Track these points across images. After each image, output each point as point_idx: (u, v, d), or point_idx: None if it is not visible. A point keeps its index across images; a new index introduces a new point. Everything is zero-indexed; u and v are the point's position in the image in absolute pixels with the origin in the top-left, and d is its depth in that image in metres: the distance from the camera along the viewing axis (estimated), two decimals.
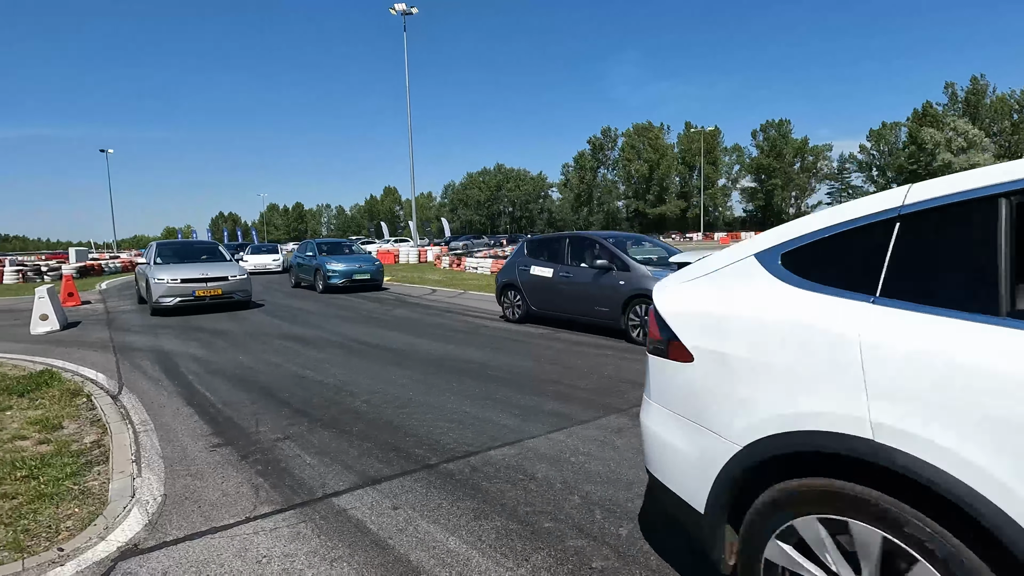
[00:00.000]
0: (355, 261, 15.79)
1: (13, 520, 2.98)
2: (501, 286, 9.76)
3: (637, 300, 7.17)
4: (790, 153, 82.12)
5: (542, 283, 8.75)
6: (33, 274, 23.11)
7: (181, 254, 12.50)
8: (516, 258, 9.51)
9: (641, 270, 7.29)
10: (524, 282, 9.12)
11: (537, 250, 9.26)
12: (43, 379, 5.88)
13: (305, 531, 2.82)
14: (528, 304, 9.07)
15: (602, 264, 7.72)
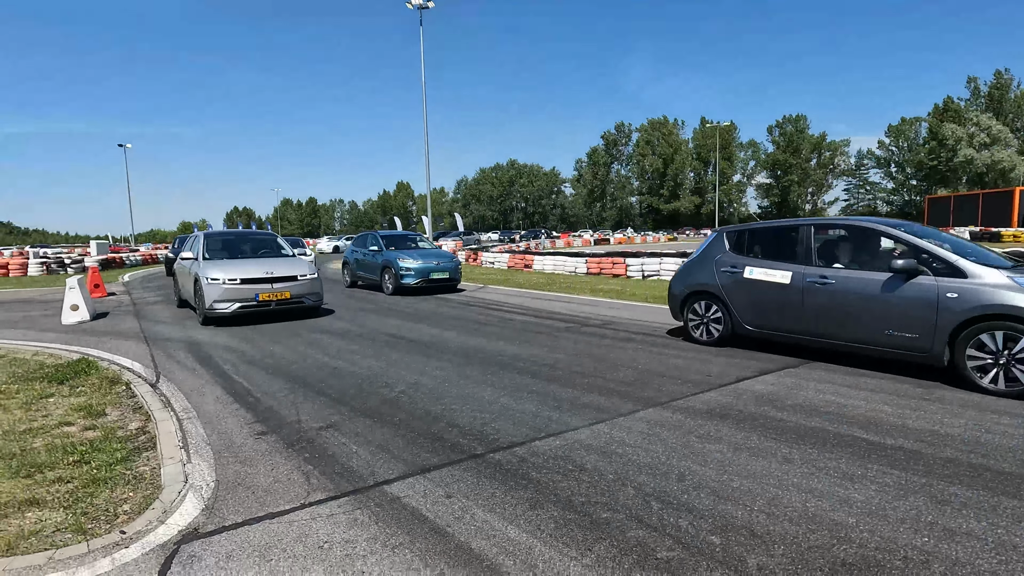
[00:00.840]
0: (430, 257, 13.21)
1: (71, 503, 3.01)
2: (685, 295, 6.94)
3: (985, 323, 4.59)
4: (807, 149, 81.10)
5: (768, 292, 6.01)
6: (57, 266, 23.47)
7: (234, 247, 10.21)
8: (709, 254, 6.80)
9: (989, 275, 4.66)
10: (730, 289, 6.39)
11: (749, 243, 6.55)
12: (81, 367, 5.96)
13: (362, 518, 2.82)
14: (736, 320, 6.38)
15: (904, 266, 4.98)
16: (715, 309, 6.60)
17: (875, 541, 2.52)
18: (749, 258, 6.40)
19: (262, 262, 9.53)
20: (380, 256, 13.44)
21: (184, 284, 10.25)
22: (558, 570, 2.36)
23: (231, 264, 9.11)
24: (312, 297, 9.40)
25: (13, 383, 5.42)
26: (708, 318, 6.72)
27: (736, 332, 6.45)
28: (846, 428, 3.92)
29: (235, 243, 10.51)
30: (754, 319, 6.22)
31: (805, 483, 3.09)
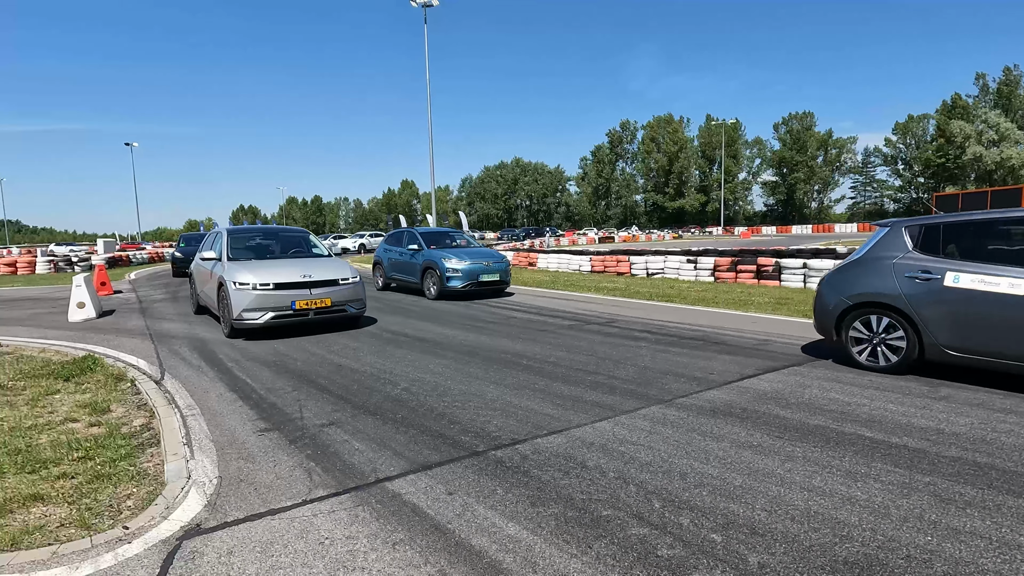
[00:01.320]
0: (479, 256, 11.59)
1: (76, 499, 3.03)
2: (846, 307, 5.40)
3: None
4: (813, 146, 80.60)
5: (987, 306, 4.54)
6: (64, 264, 23.63)
7: (262, 246, 8.89)
8: (880, 255, 5.31)
9: None
10: (921, 301, 4.89)
11: (946, 240, 5.03)
12: (86, 364, 5.99)
13: (363, 514, 2.83)
14: (929, 342, 4.88)
15: None
16: (893, 326, 5.07)
17: (877, 540, 2.50)
18: (949, 260, 4.87)
19: (296, 263, 8.12)
20: (420, 256, 11.88)
21: (204, 289, 8.84)
22: (558, 567, 2.36)
23: (261, 266, 7.74)
24: (356, 304, 7.93)
25: (20, 380, 5.46)
26: (884, 338, 5.17)
27: (927, 358, 4.95)
28: (850, 426, 3.89)
29: (263, 241, 9.11)
30: (961, 342, 4.69)
31: (808, 481, 3.08)
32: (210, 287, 8.36)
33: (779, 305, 9.67)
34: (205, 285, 8.75)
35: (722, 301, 10.40)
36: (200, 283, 9.19)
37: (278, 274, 7.54)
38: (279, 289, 7.35)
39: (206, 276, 8.66)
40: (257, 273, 7.46)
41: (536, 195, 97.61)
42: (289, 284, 7.45)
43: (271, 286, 7.33)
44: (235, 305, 7.26)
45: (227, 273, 7.54)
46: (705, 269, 14.61)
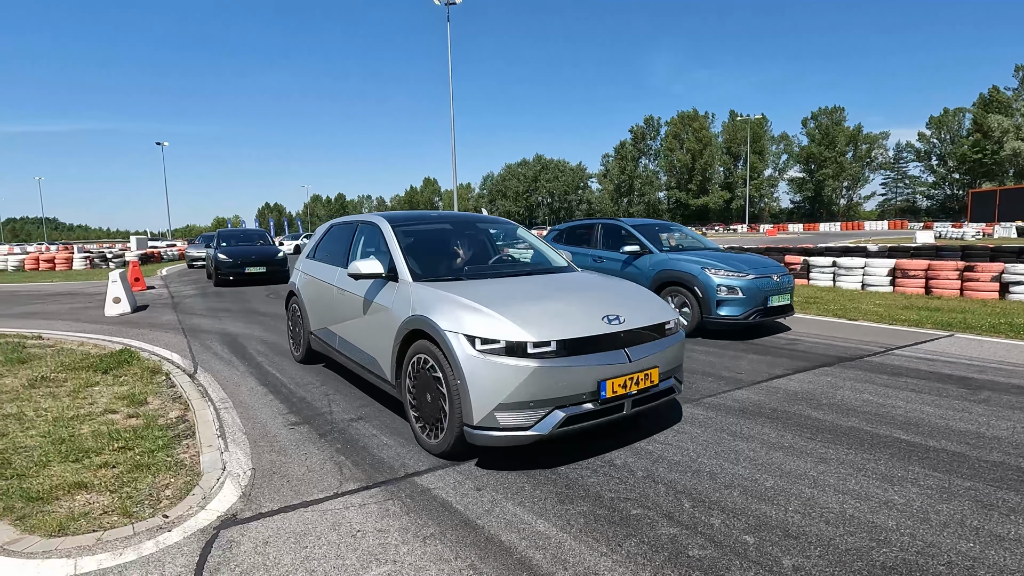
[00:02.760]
0: (759, 267, 7.15)
1: (117, 487, 3.13)
2: None
3: None
4: (842, 141, 78.70)
5: None
6: (99, 260, 24.38)
7: (452, 254, 4.75)
8: None
9: None
10: None
11: None
12: (123, 358, 6.18)
13: (393, 508, 2.86)
14: None
15: None
16: None
17: (917, 545, 2.44)
18: None
19: (564, 288, 4.01)
20: (648, 262, 7.65)
21: (346, 331, 4.71)
22: (588, 565, 2.36)
23: (500, 295, 3.65)
24: (678, 373, 3.90)
25: (61, 372, 5.66)
26: None
27: None
28: (885, 429, 3.80)
29: (447, 239, 4.90)
30: None
31: (842, 484, 3.02)
32: (366, 334, 4.30)
33: (808, 304, 9.48)
34: (349, 325, 4.60)
35: None
36: (326, 315, 5.10)
37: (557, 317, 3.41)
38: (572, 354, 3.26)
39: (349, 307, 4.60)
40: (508, 313, 3.31)
41: (557, 192, 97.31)
42: (588, 341, 3.33)
43: (556, 347, 3.22)
44: (477, 393, 3.17)
45: (432, 311, 3.49)
46: None
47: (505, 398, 3.09)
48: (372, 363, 4.22)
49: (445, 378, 3.28)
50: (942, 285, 10.34)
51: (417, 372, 3.56)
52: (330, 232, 5.70)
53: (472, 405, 3.14)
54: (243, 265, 14.37)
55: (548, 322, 3.28)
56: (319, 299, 5.32)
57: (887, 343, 6.47)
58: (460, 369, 3.16)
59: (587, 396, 3.22)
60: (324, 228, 5.90)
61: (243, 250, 15.04)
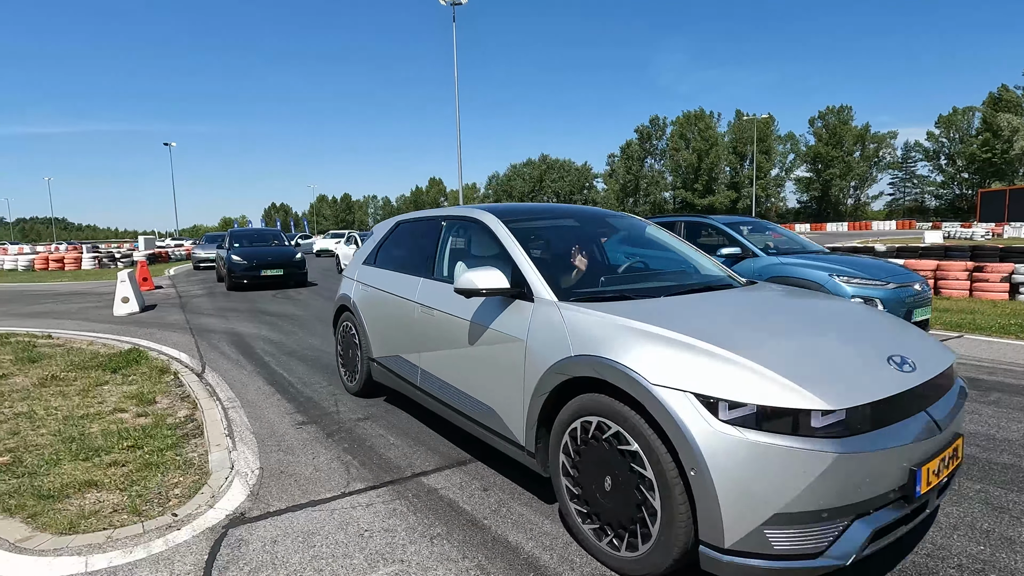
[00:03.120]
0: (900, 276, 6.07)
1: (127, 486, 3.15)
2: None
3: None
4: (850, 141, 78.21)
5: None
6: (108, 260, 24.57)
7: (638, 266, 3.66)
8: None
9: None
10: None
11: None
12: (132, 357, 6.23)
13: (400, 508, 2.87)
14: None
15: None
16: None
17: (926, 548, 2.42)
18: None
19: (800, 317, 2.72)
20: (751, 267, 6.39)
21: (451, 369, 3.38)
22: (595, 565, 2.35)
23: (726, 328, 2.39)
24: None
25: (71, 371, 5.71)
26: None
27: None
28: None
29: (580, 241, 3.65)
30: None
31: None
32: (476, 373, 3.15)
33: None
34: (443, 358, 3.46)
35: None
36: (400, 340, 3.96)
37: (828, 363, 2.15)
38: (875, 426, 1.98)
39: (442, 332, 3.45)
40: (764, 359, 2.05)
41: (563, 192, 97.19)
42: (891, 404, 2.04)
43: (848, 415, 1.93)
44: (733, 497, 1.90)
45: (615, 351, 2.27)
46: None
47: (784, 506, 1.85)
48: (486, 415, 3.01)
49: (656, 464, 2.06)
50: (951, 286, 10.26)
51: (585, 443, 2.37)
52: (398, 231, 4.56)
53: (723, 516, 1.89)
54: (259, 268, 13.53)
55: (825, 374, 2.04)
56: (388, 318, 4.10)
57: None
58: (695, 453, 1.92)
59: (895, 493, 1.99)
60: (388, 226, 4.72)
61: (258, 251, 14.16)
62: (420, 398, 3.77)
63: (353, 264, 4.95)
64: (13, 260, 24.43)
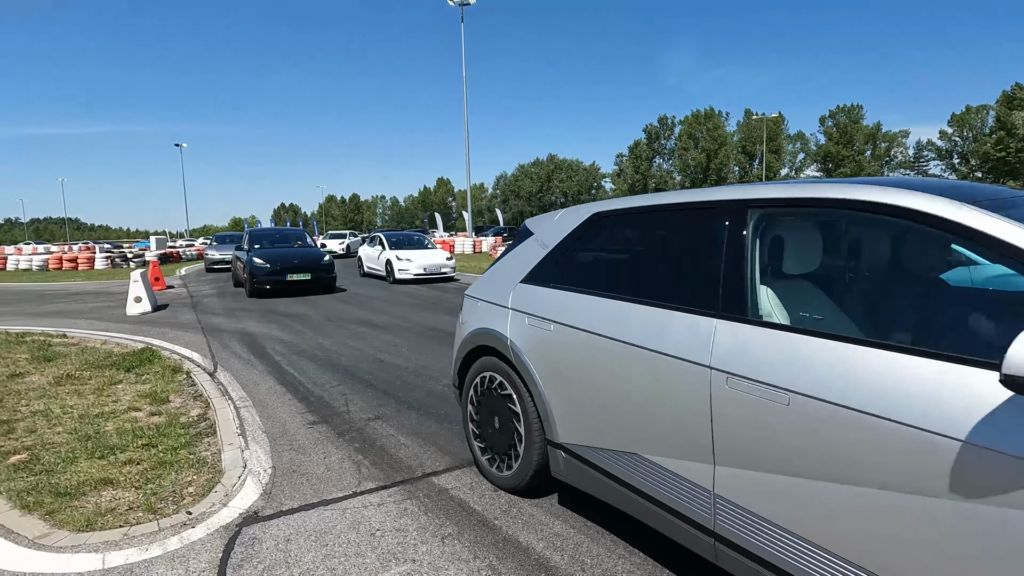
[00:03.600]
0: None
1: (142, 484, 3.19)
2: None
3: None
4: (861, 140, 77.58)
5: None
6: (120, 260, 24.83)
7: None
8: None
9: None
10: None
11: None
12: (145, 356, 6.30)
13: (411, 508, 2.89)
14: None
15: None
16: None
17: None
18: None
19: None
20: None
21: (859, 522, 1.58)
22: (607, 567, 2.36)
23: None
24: None
25: (86, 370, 5.78)
26: None
27: None
28: None
29: None
30: None
31: None
32: None
33: None
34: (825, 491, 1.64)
35: None
36: (637, 425, 2.27)
37: None
38: None
39: (795, 433, 1.71)
40: None
41: (571, 192, 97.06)
42: None
43: None
44: None
45: None
46: None
47: None
48: None
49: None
50: None
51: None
52: (599, 228, 2.80)
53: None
54: (283, 272, 11.91)
55: None
56: (614, 384, 2.38)
57: None
58: None
59: None
60: (572, 220, 2.93)
61: (282, 253, 12.61)
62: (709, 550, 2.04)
63: (497, 280, 3.22)
64: (28, 260, 24.76)
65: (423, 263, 14.69)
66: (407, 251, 15.34)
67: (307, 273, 12.22)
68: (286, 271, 11.99)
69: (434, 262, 14.87)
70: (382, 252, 15.67)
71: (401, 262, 14.70)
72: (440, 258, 15.15)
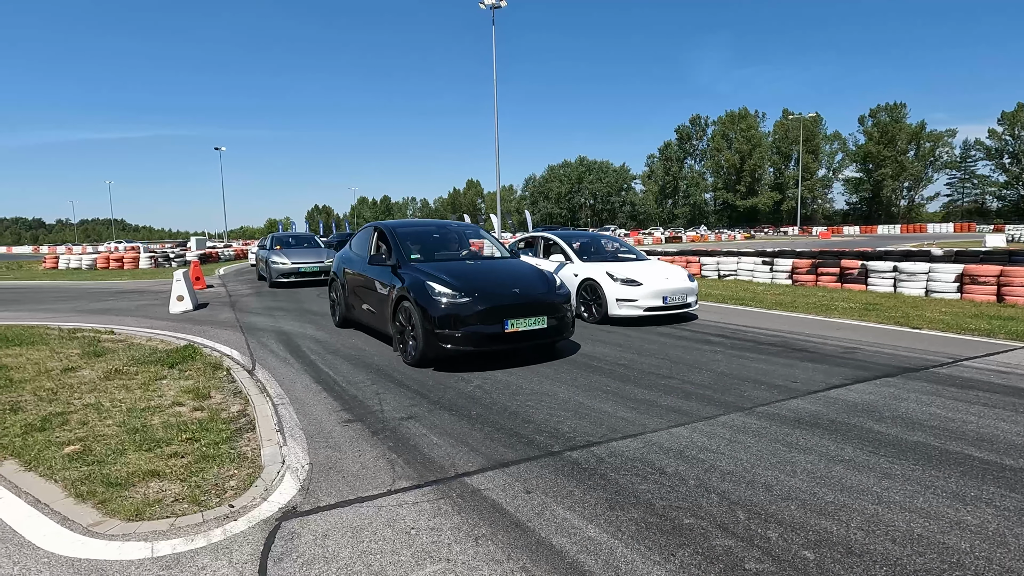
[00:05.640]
0: None
1: (186, 476, 3.31)
2: None
3: None
4: (903, 140, 74.81)
5: None
6: (163, 260, 25.76)
7: None
8: None
9: None
10: None
11: None
12: (187, 353, 6.52)
13: (445, 507, 2.92)
14: None
15: None
16: None
17: (994, 569, 2.31)
18: None
19: None
20: None
21: None
22: (641, 573, 2.34)
23: None
24: None
25: (133, 366, 6.02)
26: None
27: None
28: (955, 445, 3.60)
29: None
30: None
31: (909, 502, 2.88)
32: None
33: (866, 311, 9.07)
34: None
35: (801, 305, 9.88)
36: None
37: None
38: None
39: None
40: None
41: (600, 194, 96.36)
42: None
43: None
44: None
45: None
46: (782, 271, 13.92)
47: None
48: None
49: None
50: (1017, 292, 9.68)
51: None
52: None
53: None
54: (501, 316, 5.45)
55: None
56: None
57: (955, 354, 6.12)
58: None
59: None
60: None
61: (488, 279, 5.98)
62: None
63: None
64: (78, 259, 25.90)
65: (658, 289, 8.24)
66: (616, 266, 8.77)
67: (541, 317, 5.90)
68: None
69: (676, 286, 8.44)
70: (567, 265, 9.16)
71: (620, 287, 8.24)
72: (680, 279, 8.64)
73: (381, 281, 6.73)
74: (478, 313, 5.59)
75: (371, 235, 7.72)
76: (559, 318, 6.03)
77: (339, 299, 8.28)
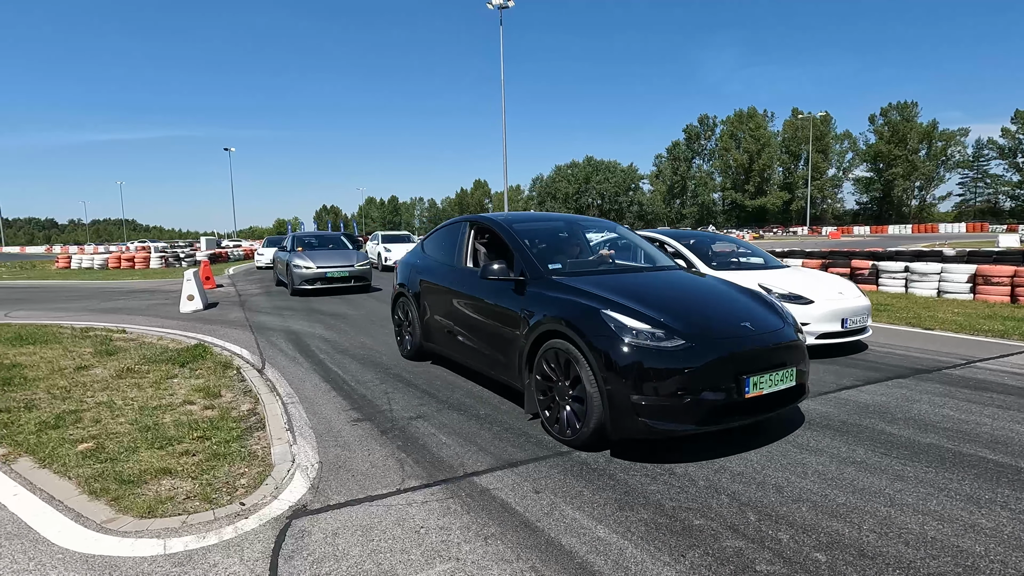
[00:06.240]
0: None
1: (198, 474, 3.33)
2: None
3: None
4: (915, 139, 74.08)
5: None
6: (173, 260, 25.99)
7: None
8: None
9: None
10: None
11: None
12: (198, 352, 6.57)
13: (454, 507, 2.92)
14: None
15: None
16: None
17: (1009, 574, 2.28)
18: None
19: None
20: None
21: None
22: (651, 574, 2.33)
23: None
24: None
25: (144, 364, 6.08)
26: None
27: None
28: (969, 447, 3.57)
29: None
30: None
31: (922, 504, 2.85)
32: None
33: (878, 311, 8.99)
34: None
35: None
36: None
37: None
38: None
39: None
40: None
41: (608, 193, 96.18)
42: None
43: None
44: None
45: None
46: None
47: None
48: None
49: None
50: None
51: None
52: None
53: None
54: None
55: None
56: None
57: (968, 355, 6.06)
58: None
59: None
60: None
61: None
62: None
63: None
64: (90, 259, 26.20)
65: (834, 309, 6.10)
66: (769, 275, 6.68)
67: (789, 370, 3.65)
68: None
69: (853, 304, 6.25)
70: None
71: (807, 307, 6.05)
72: (854, 294, 6.49)
73: (500, 305, 4.46)
74: (705, 367, 3.34)
75: (464, 233, 5.46)
76: (805, 370, 3.78)
77: (412, 322, 6.02)
